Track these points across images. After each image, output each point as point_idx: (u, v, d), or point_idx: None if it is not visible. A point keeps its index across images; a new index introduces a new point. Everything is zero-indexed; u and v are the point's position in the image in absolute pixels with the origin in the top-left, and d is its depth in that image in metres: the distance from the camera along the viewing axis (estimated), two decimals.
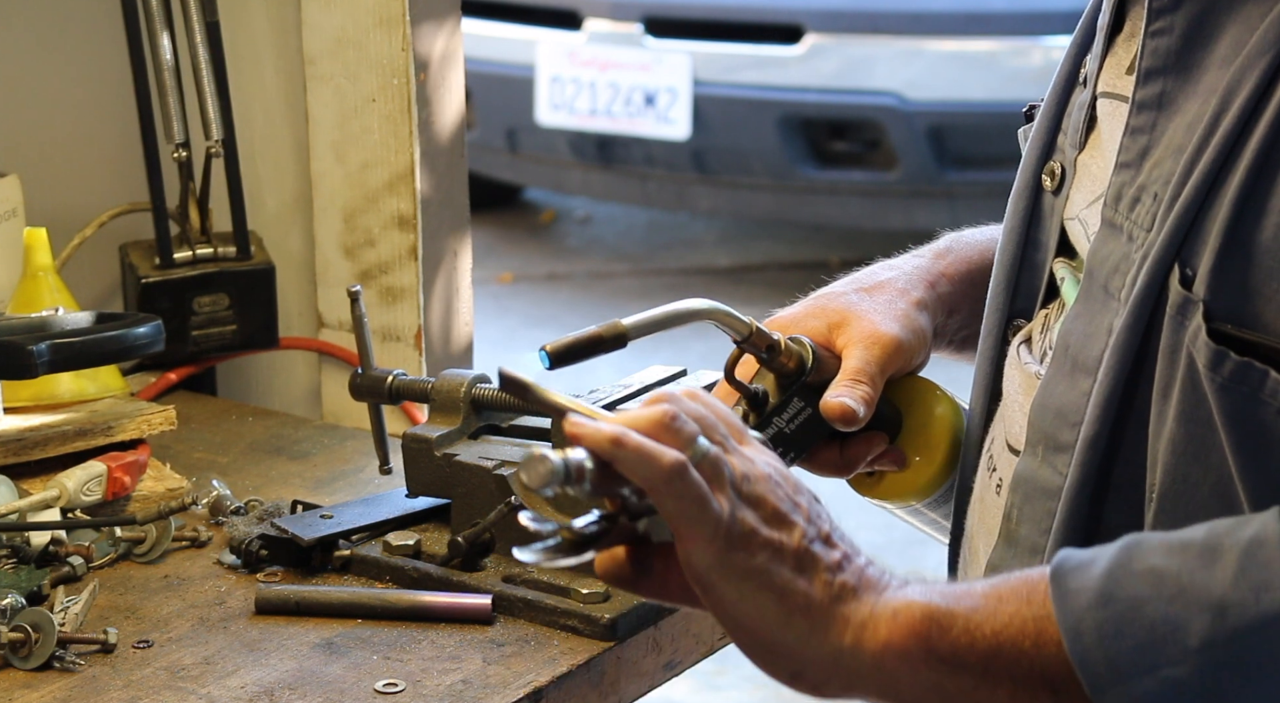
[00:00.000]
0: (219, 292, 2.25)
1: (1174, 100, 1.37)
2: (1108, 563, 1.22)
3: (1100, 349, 1.37)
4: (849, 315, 1.60)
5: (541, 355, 1.37)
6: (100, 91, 2.34)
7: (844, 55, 6.23)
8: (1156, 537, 1.24)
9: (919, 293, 1.64)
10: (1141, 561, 1.21)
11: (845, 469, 1.61)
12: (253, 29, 2.33)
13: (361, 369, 1.87)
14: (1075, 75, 1.54)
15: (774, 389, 1.55)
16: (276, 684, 1.59)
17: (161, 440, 2.04)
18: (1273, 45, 1.29)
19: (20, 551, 1.77)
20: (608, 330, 1.39)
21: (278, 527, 1.81)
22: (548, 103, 6.61)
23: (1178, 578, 1.19)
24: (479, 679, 1.59)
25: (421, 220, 2.25)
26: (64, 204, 2.31)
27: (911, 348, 1.60)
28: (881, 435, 1.61)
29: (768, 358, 1.54)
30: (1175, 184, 1.33)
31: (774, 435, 1.54)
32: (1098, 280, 1.40)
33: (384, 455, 1.90)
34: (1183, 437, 1.31)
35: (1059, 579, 1.23)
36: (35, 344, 1.85)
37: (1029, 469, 1.44)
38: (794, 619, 1.25)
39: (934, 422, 1.62)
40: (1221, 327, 1.28)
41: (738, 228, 7.37)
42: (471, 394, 1.83)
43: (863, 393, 1.54)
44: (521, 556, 1.26)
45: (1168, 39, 1.37)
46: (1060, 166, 1.52)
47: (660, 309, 1.43)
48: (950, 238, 1.73)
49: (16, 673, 1.60)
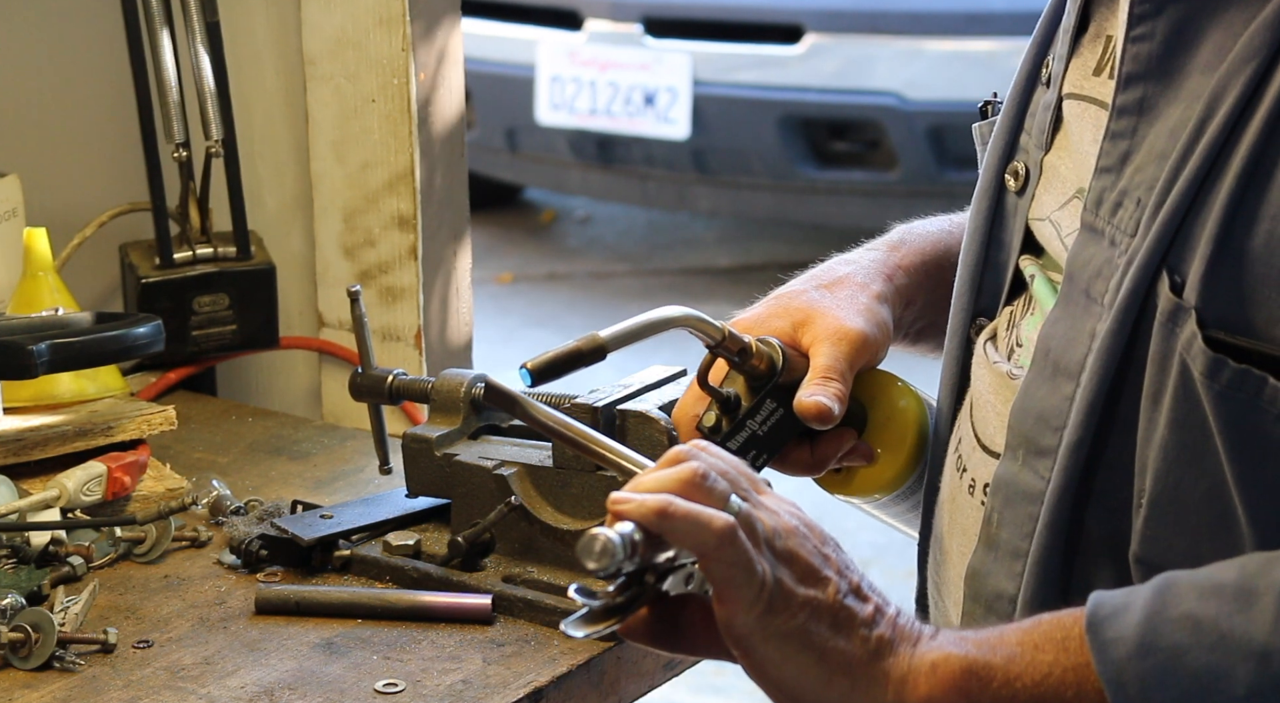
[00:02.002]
0: (219, 292, 2.25)
1: (1155, 106, 1.37)
2: (1144, 610, 1.21)
3: (1083, 354, 1.37)
4: (812, 313, 1.59)
5: (522, 373, 1.37)
6: (100, 91, 2.34)
7: (844, 55, 6.23)
8: (1187, 578, 1.23)
9: (878, 286, 1.64)
10: (1176, 606, 1.21)
11: (816, 468, 1.61)
12: (253, 29, 2.33)
13: (361, 369, 1.87)
14: (1036, 75, 1.54)
15: (744, 392, 1.55)
16: (276, 684, 1.59)
17: (161, 440, 2.04)
18: (1258, 52, 1.29)
19: (20, 551, 1.77)
20: (586, 344, 1.40)
21: (278, 527, 1.81)
22: (548, 102, 6.61)
23: (1216, 624, 1.19)
24: (479, 679, 1.59)
25: (421, 220, 2.25)
26: (64, 204, 2.32)
27: (876, 342, 1.59)
28: (850, 431, 1.60)
29: (739, 361, 1.54)
30: (1160, 190, 1.33)
31: (747, 439, 1.54)
32: (1078, 285, 1.39)
33: (384, 455, 1.90)
34: (1175, 443, 1.30)
35: (1096, 628, 1.22)
36: (35, 344, 1.85)
37: (1009, 473, 1.44)
38: (835, 679, 1.25)
39: (898, 414, 1.62)
40: (1215, 334, 1.28)
41: (738, 228, 7.37)
42: (471, 394, 1.83)
43: (835, 390, 1.54)
44: (575, 632, 1.26)
45: (1149, 44, 1.37)
46: (1024, 167, 1.52)
47: (636, 319, 1.45)
48: (902, 230, 1.73)
49: (16, 673, 1.60)
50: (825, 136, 6.40)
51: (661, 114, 6.42)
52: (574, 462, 1.71)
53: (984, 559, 1.46)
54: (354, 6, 2.23)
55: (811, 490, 1.68)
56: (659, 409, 1.68)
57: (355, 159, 2.27)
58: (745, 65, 6.37)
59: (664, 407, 1.69)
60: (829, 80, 6.25)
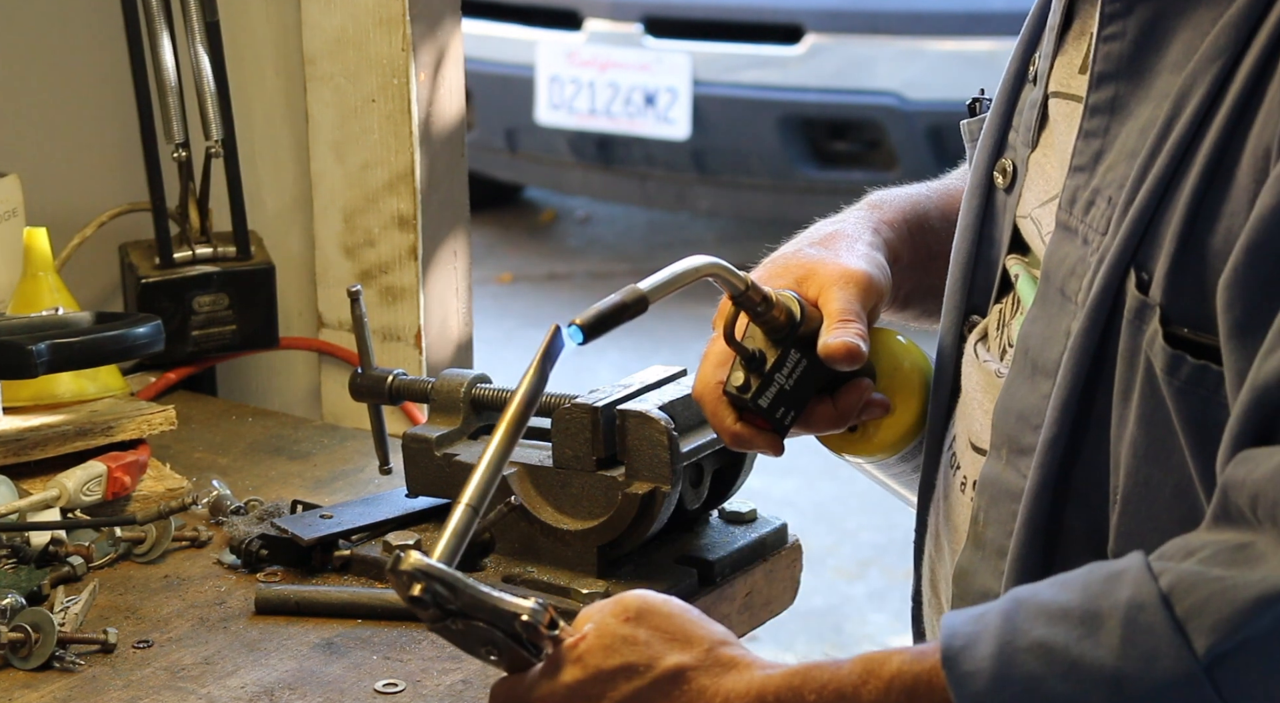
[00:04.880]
0: (219, 292, 2.25)
1: (1126, 105, 1.38)
2: (995, 640, 1.22)
3: (1059, 352, 1.38)
4: (813, 265, 1.59)
5: (574, 331, 1.37)
6: (100, 91, 2.34)
7: (844, 55, 6.23)
8: (1033, 601, 1.23)
9: (869, 237, 1.64)
10: (1026, 634, 1.21)
11: (840, 421, 1.59)
12: (253, 29, 2.33)
13: (361, 369, 1.87)
14: (1024, 72, 1.54)
15: (766, 346, 1.55)
16: (276, 684, 1.59)
17: (161, 440, 2.04)
18: (1223, 51, 1.30)
19: (20, 551, 1.78)
20: (629, 296, 1.40)
21: (278, 527, 1.81)
22: (547, 103, 6.61)
23: (1066, 651, 1.19)
24: (479, 679, 1.59)
25: (421, 220, 2.25)
26: (64, 204, 2.32)
27: (881, 285, 1.58)
28: (868, 381, 1.59)
29: (762, 311, 1.53)
30: (1129, 189, 1.33)
31: (776, 394, 1.54)
32: (1054, 283, 1.40)
33: (384, 455, 1.90)
34: (1144, 440, 1.31)
35: (951, 662, 1.22)
36: (35, 344, 1.85)
37: (994, 472, 1.44)
38: None
39: (905, 368, 1.62)
40: (1178, 330, 1.28)
41: (738, 228, 7.37)
42: (471, 394, 1.83)
43: (856, 330, 1.53)
44: None
45: (1120, 44, 1.38)
46: (1012, 165, 1.52)
47: (669, 270, 1.45)
48: (879, 193, 1.74)
49: (16, 673, 1.60)
50: (825, 136, 6.40)
51: (661, 114, 6.42)
52: (574, 462, 1.71)
53: (971, 558, 1.47)
54: (354, 6, 2.23)
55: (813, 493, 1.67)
56: (659, 409, 1.68)
57: (355, 159, 2.27)
58: (745, 65, 6.37)
59: (664, 407, 1.69)
60: (829, 80, 6.25)
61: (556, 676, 1.31)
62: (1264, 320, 1.22)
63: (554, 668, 1.32)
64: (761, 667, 1.30)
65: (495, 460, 1.35)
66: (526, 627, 1.31)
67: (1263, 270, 1.22)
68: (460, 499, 1.34)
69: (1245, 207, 1.25)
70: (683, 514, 1.76)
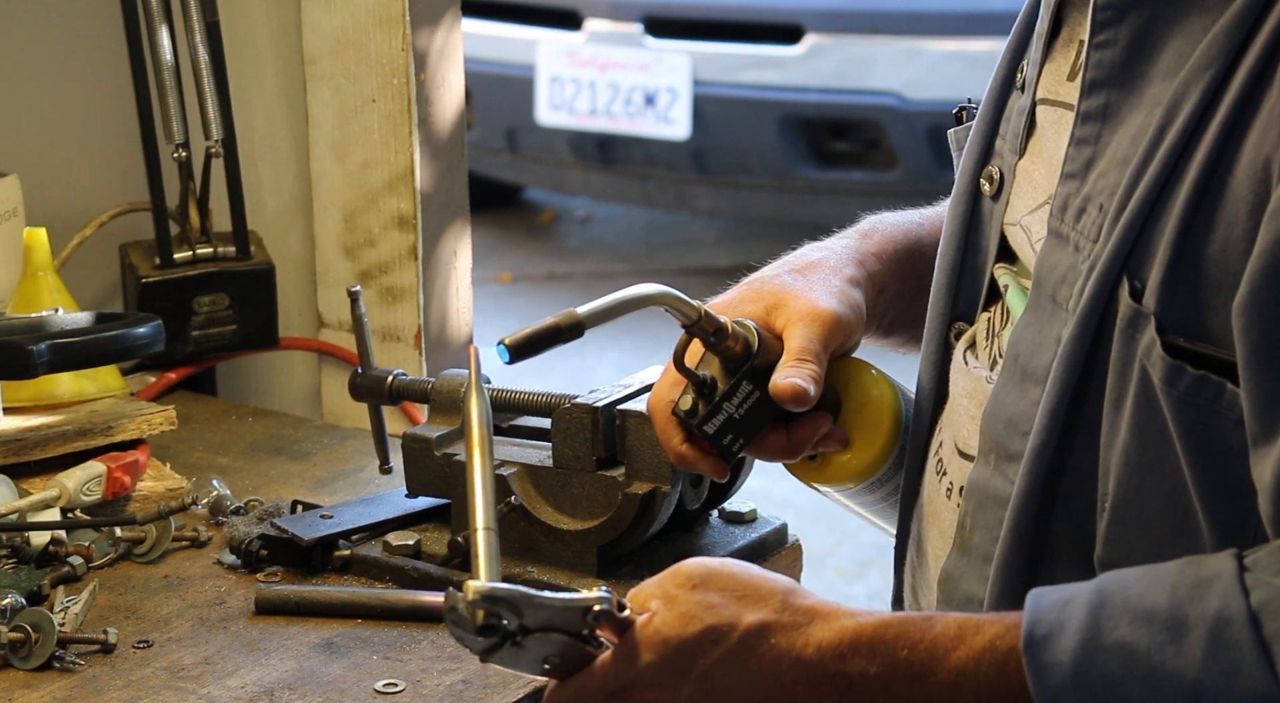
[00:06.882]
0: (219, 292, 2.25)
1: (1118, 112, 1.37)
2: (1079, 634, 1.22)
3: (1049, 359, 1.37)
4: (785, 296, 1.58)
5: (500, 349, 1.36)
6: (100, 91, 2.34)
7: (844, 55, 6.23)
8: (1121, 596, 1.24)
9: (850, 270, 1.63)
10: (1111, 631, 1.22)
11: (792, 453, 1.59)
12: (253, 29, 2.33)
13: (361, 369, 1.87)
14: (1012, 79, 1.54)
15: (720, 374, 1.54)
16: (276, 684, 1.59)
17: (161, 440, 2.04)
18: (1215, 59, 1.29)
19: (20, 550, 1.77)
20: (564, 320, 1.38)
21: (278, 527, 1.81)
22: (548, 103, 6.60)
23: (1148, 657, 1.20)
24: (479, 679, 1.59)
25: (421, 220, 2.25)
26: (64, 204, 2.31)
27: (850, 324, 1.58)
28: (826, 415, 1.58)
29: (715, 341, 1.52)
30: (1121, 196, 1.33)
31: (724, 422, 1.53)
32: (1045, 290, 1.40)
33: (384, 455, 1.90)
34: (1136, 448, 1.31)
35: (1033, 650, 1.23)
36: (35, 344, 1.85)
37: (982, 478, 1.44)
38: None
39: (873, 401, 1.61)
40: (1173, 340, 1.28)
41: (738, 228, 7.37)
42: None
43: (810, 371, 1.52)
44: None
45: (1112, 51, 1.38)
46: (999, 172, 1.52)
47: (613, 296, 1.43)
48: (872, 220, 1.73)
49: (16, 673, 1.60)
50: (825, 137, 6.40)
51: (661, 114, 6.41)
52: (574, 462, 1.71)
53: (957, 563, 1.47)
54: (354, 6, 2.23)
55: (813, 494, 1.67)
56: None
57: (355, 159, 2.27)
58: (745, 65, 6.37)
59: None
60: (829, 80, 6.25)
61: (636, 658, 1.30)
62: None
63: (630, 651, 1.30)
64: (849, 614, 1.30)
65: (487, 480, 1.33)
66: (599, 616, 1.28)
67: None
68: (475, 526, 1.32)
69: (1243, 215, 1.25)
70: (683, 514, 1.76)
